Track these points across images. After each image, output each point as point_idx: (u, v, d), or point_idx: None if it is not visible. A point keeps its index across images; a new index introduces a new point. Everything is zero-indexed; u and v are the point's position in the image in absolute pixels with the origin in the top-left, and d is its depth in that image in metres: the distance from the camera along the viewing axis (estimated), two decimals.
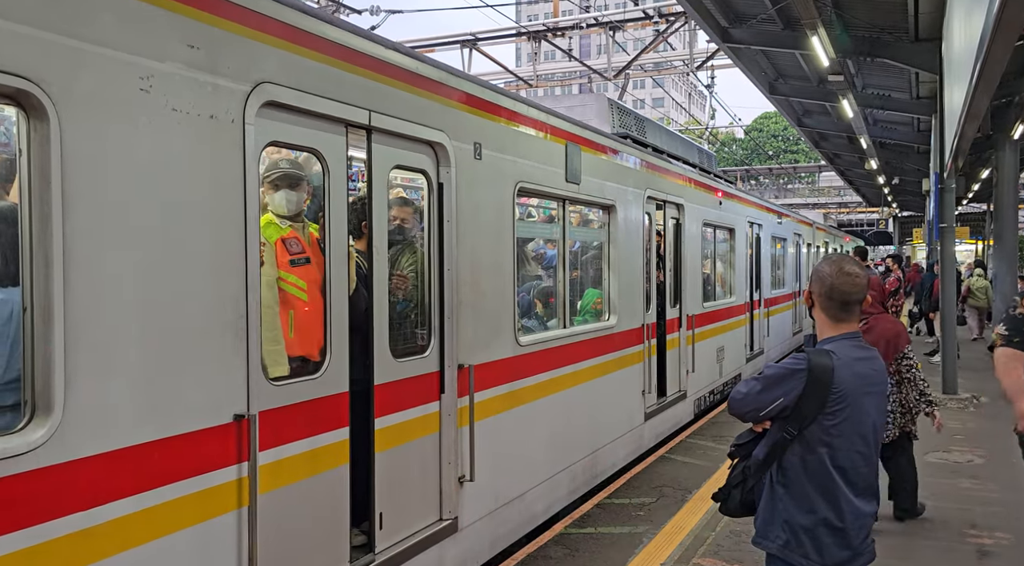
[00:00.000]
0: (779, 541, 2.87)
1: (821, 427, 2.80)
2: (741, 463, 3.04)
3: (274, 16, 3.39)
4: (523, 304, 6.21)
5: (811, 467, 2.83)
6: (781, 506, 2.88)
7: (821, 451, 2.81)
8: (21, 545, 2.43)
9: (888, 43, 12.25)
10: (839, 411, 2.79)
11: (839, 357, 2.82)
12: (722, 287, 11.84)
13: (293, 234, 3.84)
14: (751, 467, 2.97)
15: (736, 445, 3.08)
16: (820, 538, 2.81)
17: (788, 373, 2.84)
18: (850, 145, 23.51)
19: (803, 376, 2.80)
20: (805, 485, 2.84)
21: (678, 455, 8.27)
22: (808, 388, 2.78)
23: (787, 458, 2.87)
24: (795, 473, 2.85)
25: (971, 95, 6.51)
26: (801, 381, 2.80)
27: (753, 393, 2.88)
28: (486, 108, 5.11)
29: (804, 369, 2.81)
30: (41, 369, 2.53)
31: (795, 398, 2.80)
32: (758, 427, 2.97)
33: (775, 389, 2.84)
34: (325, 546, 3.73)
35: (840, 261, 2.96)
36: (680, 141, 10.55)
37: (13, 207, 2.62)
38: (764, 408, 2.86)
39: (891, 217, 48.43)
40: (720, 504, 3.12)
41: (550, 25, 19.64)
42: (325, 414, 3.71)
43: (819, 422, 2.80)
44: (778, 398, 2.82)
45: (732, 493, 3.05)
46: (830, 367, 2.79)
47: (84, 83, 2.62)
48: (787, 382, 2.82)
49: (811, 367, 2.80)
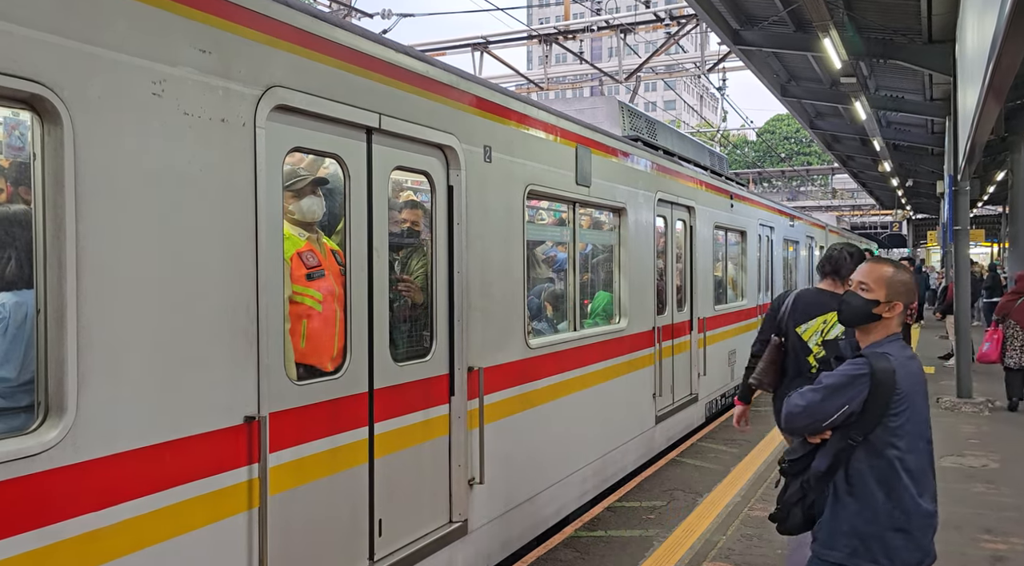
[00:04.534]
0: (847, 550, 2.82)
1: (886, 430, 2.78)
2: (797, 479, 2.96)
3: (285, 20, 3.42)
4: (533, 307, 6.22)
5: (879, 472, 2.80)
6: (846, 514, 2.84)
7: (889, 454, 2.79)
8: (35, 545, 2.45)
9: (901, 45, 12.18)
10: (902, 412, 2.78)
11: (895, 358, 2.82)
12: (734, 290, 11.80)
13: (309, 246, 3.85)
14: (811, 480, 2.90)
15: (790, 461, 3.00)
16: (890, 542, 2.78)
17: (850, 379, 2.79)
18: (863, 147, 23.38)
19: (866, 380, 2.77)
20: (873, 491, 2.80)
21: (689, 458, 8.24)
22: (872, 392, 2.76)
23: (852, 465, 2.83)
24: (862, 480, 2.82)
25: (984, 97, 6.47)
26: (865, 386, 2.76)
27: (814, 404, 2.83)
28: (496, 111, 5.12)
29: (866, 373, 2.77)
30: (54, 371, 2.55)
31: (861, 404, 2.76)
32: (816, 438, 2.91)
33: (837, 397, 2.79)
34: (341, 547, 3.75)
35: (904, 268, 2.98)
36: (691, 143, 10.52)
37: (27, 211, 2.65)
38: (828, 418, 2.81)
39: (905, 220, 48.12)
40: (778, 524, 3.05)
41: (561, 28, 19.66)
42: (338, 416, 3.73)
43: (884, 425, 2.78)
44: (843, 406, 2.78)
45: (792, 511, 2.97)
46: (891, 369, 2.77)
47: (97, 87, 2.65)
48: (850, 389, 2.78)
49: (873, 371, 2.77)
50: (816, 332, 4.48)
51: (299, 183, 3.87)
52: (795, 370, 4.56)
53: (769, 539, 5.75)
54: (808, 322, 4.50)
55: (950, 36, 10.87)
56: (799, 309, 4.57)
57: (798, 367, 4.54)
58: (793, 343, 4.56)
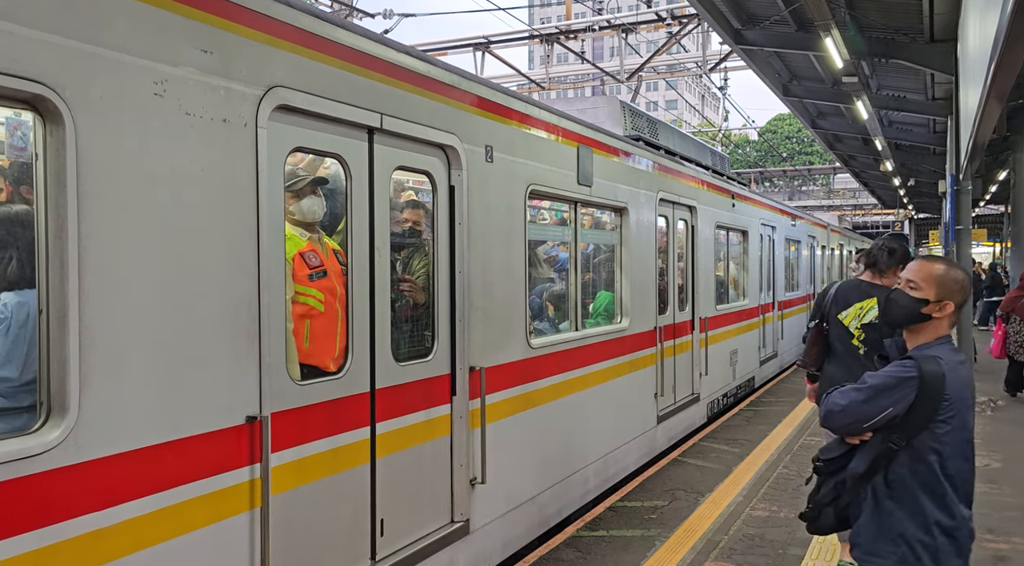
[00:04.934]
0: (893, 557, 2.74)
1: (932, 435, 2.68)
2: (832, 479, 2.87)
3: (286, 21, 3.42)
4: (535, 306, 6.22)
5: (922, 477, 2.70)
6: (891, 520, 2.74)
7: (931, 459, 2.69)
8: (37, 545, 2.46)
9: (903, 44, 12.17)
10: (951, 418, 2.67)
11: (946, 362, 2.70)
12: (735, 290, 11.79)
13: (311, 247, 3.86)
14: (847, 481, 2.81)
15: (824, 460, 2.89)
16: (938, 549, 2.70)
17: (897, 382, 2.69)
18: (865, 147, 23.37)
19: (914, 384, 2.66)
20: (918, 496, 2.71)
21: (691, 458, 8.24)
22: (919, 396, 2.65)
23: (893, 469, 2.74)
24: (903, 484, 2.72)
25: (986, 96, 6.47)
26: (912, 389, 2.66)
27: (856, 404, 2.72)
28: (498, 111, 5.12)
29: (915, 377, 2.66)
30: (56, 371, 2.56)
31: (906, 407, 2.66)
32: (854, 439, 2.80)
33: (882, 399, 2.69)
34: (342, 546, 3.75)
35: (959, 266, 2.87)
36: (693, 143, 10.52)
37: (29, 211, 2.65)
38: (870, 419, 2.71)
39: (907, 219, 48.08)
40: (808, 524, 2.98)
41: (563, 28, 19.66)
42: (340, 415, 3.73)
43: (930, 430, 2.68)
44: (886, 408, 2.67)
45: (824, 511, 2.90)
46: (941, 374, 2.66)
47: (99, 88, 2.65)
48: (896, 391, 2.68)
49: (922, 374, 2.65)
50: (854, 317, 4.90)
51: (300, 183, 3.87)
52: (843, 352, 4.97)
53: (771, 539, 5.74)
54: (847, 309, 4.95)
55: (952, 35, 10.86)
56: (839, 299, 5.03)
57: (845, 349, 4.95)
58: (837, 329, 4.99)
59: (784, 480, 7.27)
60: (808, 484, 3.04)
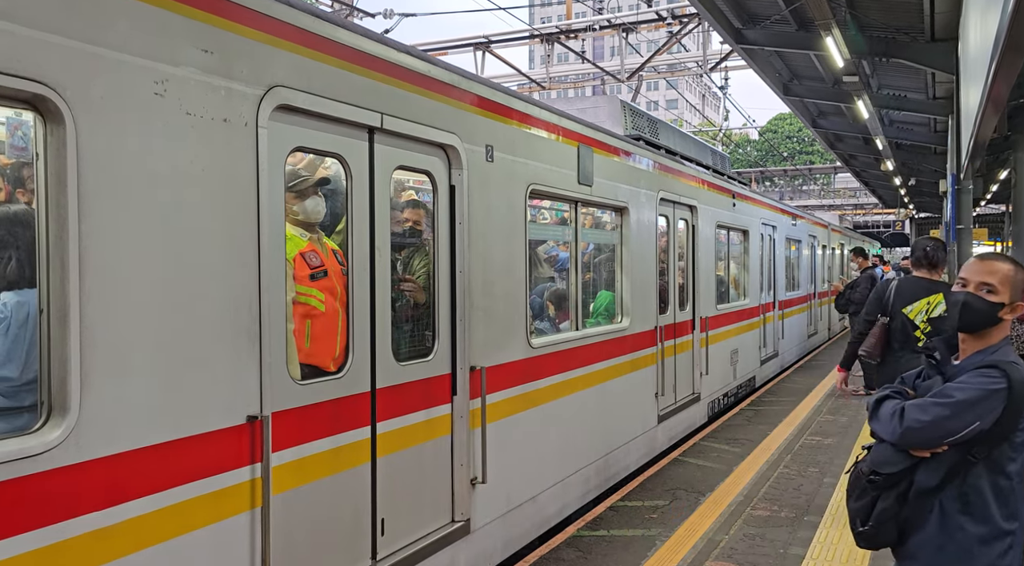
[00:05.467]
0: None
1: (1011, 445, 2.54)
2: (891, 492, 2.66)
3: (287, 20, 3.42)
4: (535, 306, 6.22)
5: (998, 489, 2.56)
6: (961, 536, 2.58)
7: (1010, 470, 2.56)
8: (38, 544, 2.46)
9: (904, 43, 12.16)
10: None
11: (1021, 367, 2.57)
12: (736, 289, 11.79)
13: (311, 247, 3.86)
14: (911, 495, 2.63)
15: (884, 475, 2.66)
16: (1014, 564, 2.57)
17: (985, 394, 2.51)
18: (866, 146, 23.35)
19: (1002, 396, 2.49)
20: (995, 511, 2.56)
21: (692, 457, 8.24)
22: (1008, 407, 2.49)
23: (968, 482, 2.57)
24: (981, 499, 2.56)
25: (987, 95, 6.46)
26: (1000, 401, 2.49)
27: (939, 420, 2.53)
28: (498, 111, 5.12)
29: (1003, 388, 2.49)
30: (57, 370, 2.56)
31: (993, 420, 2.49)
32: (923, 452, 2.61)
33: (968, 413, 2.50)
34: (343, 546, 3.75)
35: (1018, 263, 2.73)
36: (693, 143, 10.52)
37: (30, 210, 2.65)
38: (954, 435, 2.52)
39: (908, 219, 48.04)
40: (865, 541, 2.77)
41: (563, 27, 19.66)
42: (341, 415, 3.73)
43: (1010, 440, 2.54)
44: (973, 423, 2.49)
45: (885, 527, 2.68)
46: None
47: (100, 88, 2.65)
48: (984, 404, 2.50)
49: (1011, 384, 2.49)
50: (921, 311, 5.29)
51: (302, 184, 3.88)
52: (901, 343, 5.33)
53: (772, 539, 5.74)
54: (913, 303, 5.30)
55: (953, 34, 10.85)
56: (904, 294, 5.38)
57: (904, 340, 5.31)
58: (901, 322, 5.32)
59: (785, 480, 7.27)
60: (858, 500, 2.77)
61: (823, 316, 19.92)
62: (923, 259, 5.49)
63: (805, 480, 7.21)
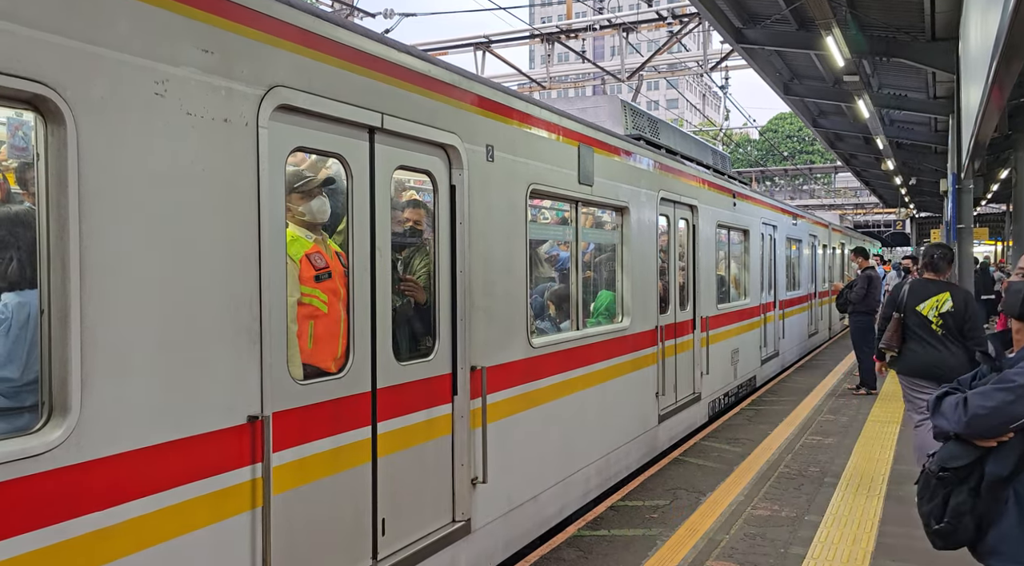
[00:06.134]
0: None
1: None
2: (962, 486, 2.67)
3: (287, 20, 3.42)
4: (536, 306, 6.22)
5: None
6: None
7: None
8: (40, 544, 2.46)
9: (904, 43, 12.16)
10: None
11: None
12: (736, 289, 11.79)
13: (316, 248, 3.87)
14: (984, 488, 2.64)
15: (951, 469, 2.68)
16: None
17: None
18: (866, 146, 23.34)
19: None
20: None
21: (692, 457, 8.24)
22: None
23: None
24: None
25: (987, 95, 6.47)
26: None
27: (1003, 405, 2.56)
28: (498, 110, 5.12)
29: None
30: (58, 371, 2.56)
31: None
32: (989, 441, 2.63)
33: None
34: (344, 546, 3.75)
35: None
36: (694, 142, 10.52)
37: (30, 211, 2.65)
38: (1019, 419, 2.55)
39: (908, 218, 48.03)
40: (942, 540, 2.77)
41: (563, 27, 19.66)
42: (341, 415, 3.73)
43: None
44: None
45: (962, 523, 2.68)
46: None
47: (100, 88, 2.65)
48: None
49: None
50: (931, 308, 6.24)
51: (308, 185, 3.88)
52: (924, 335, 6.25)
53: (773, 538, 5.74)
54: (924, 302, 6.29)
55: (953, 34, 10.85)
56: (916, 294, 6.36)
57: (926, 333, 6.24)
58: (916, 317, 6.29)
59: (786, 479, 7.27)
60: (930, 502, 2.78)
61: (824, 316, 19.92)
62: (930, 264, 6.49)
63: (806, 480, 7.21)
